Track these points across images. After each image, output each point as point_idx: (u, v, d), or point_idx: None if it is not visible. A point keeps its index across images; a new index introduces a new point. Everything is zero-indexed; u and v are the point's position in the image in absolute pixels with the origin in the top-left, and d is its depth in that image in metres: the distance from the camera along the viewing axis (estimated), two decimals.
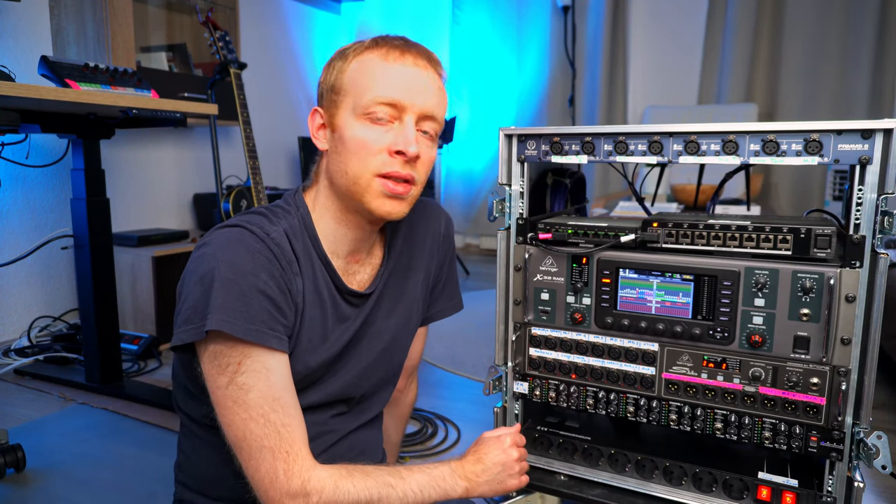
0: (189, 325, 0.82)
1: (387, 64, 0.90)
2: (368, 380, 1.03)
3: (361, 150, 0.89)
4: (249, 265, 0.82)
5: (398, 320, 1.06)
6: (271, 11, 4.20)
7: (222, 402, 0.83)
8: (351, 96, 0.91)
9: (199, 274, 0.83)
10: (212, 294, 0.80)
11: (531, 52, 4.90)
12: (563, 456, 1.23)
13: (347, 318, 0.97)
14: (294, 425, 0.84)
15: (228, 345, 0.82)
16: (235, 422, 0.82)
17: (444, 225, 1.15)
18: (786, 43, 4.10)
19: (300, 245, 0.91)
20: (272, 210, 0.94)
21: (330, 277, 0.95)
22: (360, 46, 0.93)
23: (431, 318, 1.18)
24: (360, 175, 0.90)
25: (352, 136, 0.90)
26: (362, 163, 0.90)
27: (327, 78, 0.94)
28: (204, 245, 0.86)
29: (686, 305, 1.08)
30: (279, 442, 0.81)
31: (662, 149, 1.06)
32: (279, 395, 0.83)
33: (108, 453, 1.78)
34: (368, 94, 0.89)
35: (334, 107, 0.92)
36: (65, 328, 2.79)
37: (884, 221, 0.94)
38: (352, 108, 0.90)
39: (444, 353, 2.57)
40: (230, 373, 0.82)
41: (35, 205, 2.77)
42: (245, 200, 2.75)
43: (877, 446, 0.94)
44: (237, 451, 0.84)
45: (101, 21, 2.63)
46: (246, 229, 0.86)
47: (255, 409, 0.81)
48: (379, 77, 0.89)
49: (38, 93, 1.66)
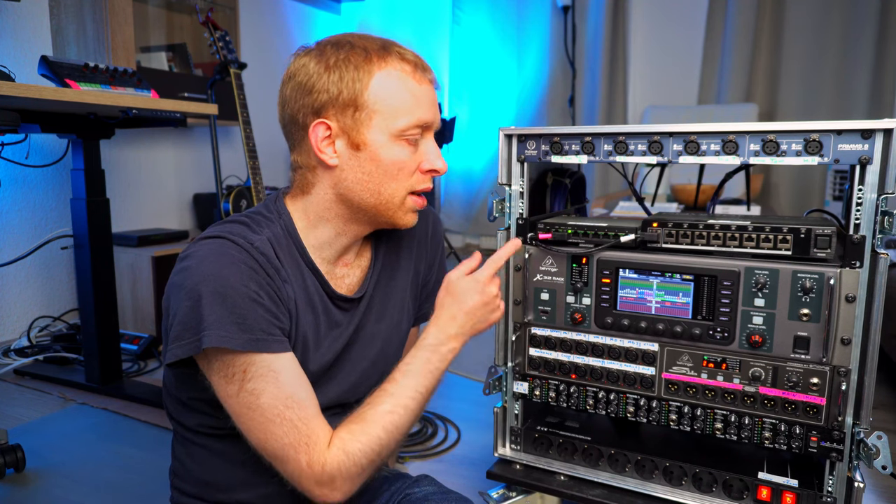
0: (181, 341, 0.81)
1: (418, 85, 0.90)
2: (364, 384, 1.03)
3: (400, 171, 0.90)
4: (236, 276, 0.81)
5: (388, 323, 1.05)
6: (271, 11, 4.20)
7: (237, 410, 0.83)
8: (382, 116, 0.88)
9: (185, 289, 0.81)
10: (203, 310, 0.79)
11: (531, 52, 4.89)
12: (563, 456, 1.23)
13: (339, 323, 0.97)
14: (310, 416, 0.84)
15: (230, 357, 0.81)
16: (254, 427, 0.83)
17: (432, 224, 1.15)
18: (786, 43, 4.10)
19: (285, 253, 0.90)
20: (252, 218, 0.92)
21: (320, 284, 0.94)
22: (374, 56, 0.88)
23: (423, 317, 1.17)
24: (395, 195, 0.91)
25: (390, 157, 0.89)
26: (400, 183, 0.91)
27: (338, 87, 0.87)
28: (186, 258, 0.84)
29: (686, 305, 1.08)
30: (298, 435, 0.82)
31: (662, 149, 1.06)
32: (291, 391, 0.83)
33: (108, 453, 1.78)
34: (407, 117, 0.88)
35: (358, 124, 0.88)
36: (65, 328, 2.79)
37: (884, 221, 0.94)
38: (385, 129, 0.88)
39: None
40: (238, 381, 0.82)
41: (35, 205, 2.77)
42: (245, 200, 2.75)
43: (877, 446, 0.94)
44: (263, 453, 0.84)
45: (101, 21, 2.63)
46: (228, 240, 0.84)
47: (271, 411, 0.82)
48: (414, 99, 0.89)
49: (38, 93, 1.65)
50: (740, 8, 4.14)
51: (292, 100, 0.90)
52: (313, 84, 0.88)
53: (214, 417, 0.91)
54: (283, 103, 0.93)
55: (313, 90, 0.88)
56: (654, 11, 4.54)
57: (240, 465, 0.93)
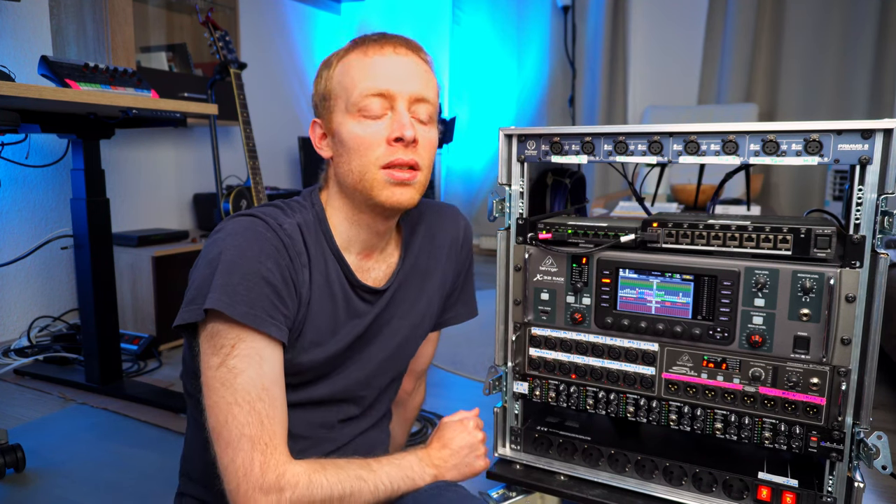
0: (192, 304, 0.84)
1: (367, 59, 0.93)
2: (377, 378, 1.04)
3: (361, 145, 0.91)
4: (255, 251, 0.84)
5: (411, 322, 1.06)
6: (271, 11, 4.20)
7: (210, 384, 0.83)
8: (341, 98, 0.93)
9: (208, 258, 0.85)
10: (215, 276, 0.82)
11: (531, 52, 4.89)
12: (563, 456, 1.23)
13: (360, 313, 0.98)
14: (277, 419, 0.84)
15: (226, 326, 0.82)
16: (220, 404, 0.81)
17: (464, 231, 1.16)
18: (786, 42, 4.10)
19: (312, 239, 0.93)
20: (288, 204, 0.97)
21: (343, 272, 0.95)
22: (341, 52, 0.96)
23: (445, 322, 1.18)
24: (365, 170, 0.91)
25: (349, 134, 0.92)
26: (364, 158, 0.91)
27: (318, 89, 0.97)
28: (217, 231, 0.88)
29: (686, 305, 1.07)
30: (260, 432, 0.81)
31: (662, 149, 1.06)
32: (268, 385, 0.83)
33: (108, 453, 1.78)
34: (356, 91, 0.91)
35: (328, 112, 0.95)
36: (65, 328, 2.79)
37: (884, 221, 0.94)
38: (344, 109, 0.93)
39: (445, 353, 2.57)
40: (223, 354, 0.82)
41: (35, 205, 2.77)
42: (245, 200, 2.75)
43: (877, 446, 0.94)
44: (215, 436, 0.82)
45: (101, 21, 2.63)
46: (259, 218, 0.88)
47: (242, 395, 0.81)
48: (362, 72, 0.92)
49: (38, 93, 1.65)
50: (740, 8, 4.14)
51: None
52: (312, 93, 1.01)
53: None
54: None
55: (312, 96, 1.00)
56: (654, 11, 4.54)
57: None
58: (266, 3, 4.15)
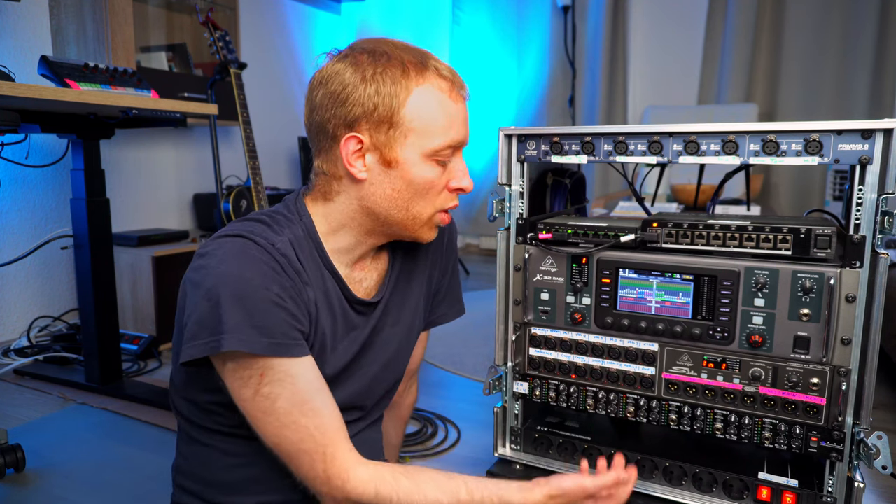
0: (197, 340, 0.79)
1: (454, 104, 0.89)
2: (376, 388, 1.03)
3: (430, 190, 0.90)
4: (258, 279, 0.80)
5: (403, 327, 1.05)
6: (271, 11, 4.20)
7: (252, 413, 0.83)
8: (417, 135, 0.86)
9: (203, 288, 0.79)
10: (222, 312, 0.78)
11: (531, 52, 4.89)
12: (563, 456, 1.23)
13: (356, 327, 0.96)
14: (327, 425, 0.84)
15: (247, 360, 0.80)
16: (269, 430, 0.83)
17: (448, 230, 1.15)
18: (786, 43, 4.10)
19: (306, 255, 0.89)
20: (273, 217, 0.90)
21: (339, 287, 0.93)
22: (407, 70, 0.85)
23: (433, 322, 1.17)
24: (423, 212, 0.91)
25: (421, 177, 0.89)
26: (429, 202, 0.91)
27: (371, 102, 0.84)
28: (206, 256, 0.82)
29: (686, 305, 1.07)
30: (314, 445, 0.82)
31: (662, 149, 1.06)
32: (307, 398, 0.83)
33: (108, 453, 1.78)
34: (442, 138, 0.88)
35: (391, 140, 0.86)
36: (64, 328, 2.79)
37: (884, 221, 0.94)
38: (418, 148, 0.87)
39: (444, 354, 2.57)
40: (254, 384, 0.81)
41: (35, 205, 2.77)
42: (245, 200, 2.75)
43: (877, 446, 0.94)
44: (279, 454, 0.85)
45: (101, 21, 2.63)
46: (249, 240, 0.82)
47: (286, 417, 0.82)
48: (448, 119, 0.88)
49: (38, 93, 1.65)
50: (740, 8, 4.14)
51: (323, 108, 0.87)
52: (347, 95, 0.85)
53: (219, 416, 0.90)
54: (312, 109, 0.89)
55: (347, 101, 0.85)
56: (654, 11, 4.54)
57: (242, 467, 0.93)
58: (266, 3, 4.15)
